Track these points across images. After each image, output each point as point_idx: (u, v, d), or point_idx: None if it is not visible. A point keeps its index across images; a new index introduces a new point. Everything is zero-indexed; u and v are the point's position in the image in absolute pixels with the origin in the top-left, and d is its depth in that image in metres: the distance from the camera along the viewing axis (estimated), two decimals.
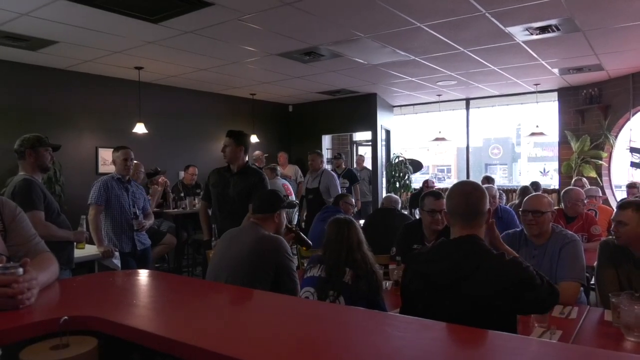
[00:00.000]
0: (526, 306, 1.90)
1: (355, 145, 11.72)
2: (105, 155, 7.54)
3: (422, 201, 3.72)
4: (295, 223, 8.00)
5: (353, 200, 5.66)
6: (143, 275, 2.11)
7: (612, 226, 2.95)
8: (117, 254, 4.36)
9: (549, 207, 3.09)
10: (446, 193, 2.18)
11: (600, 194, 6.06)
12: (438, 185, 13.94)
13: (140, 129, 7.50)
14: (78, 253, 4.04)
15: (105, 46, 6.12)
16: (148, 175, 7.11)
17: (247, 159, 4.48)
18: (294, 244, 3.43)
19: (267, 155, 9.54)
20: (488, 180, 7.57)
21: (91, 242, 4.33)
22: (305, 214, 8.06)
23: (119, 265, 4.33)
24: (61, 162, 6.88)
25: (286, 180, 8.27)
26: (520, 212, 3.19)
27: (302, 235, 3.41)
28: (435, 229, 3.62)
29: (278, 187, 7.14)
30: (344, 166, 8.83)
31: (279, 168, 8.75)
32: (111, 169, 5.02)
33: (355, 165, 9.54)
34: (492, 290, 1.85)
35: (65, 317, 1.38)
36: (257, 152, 9.33)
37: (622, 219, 2.86)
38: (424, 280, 1.99)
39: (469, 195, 2.04)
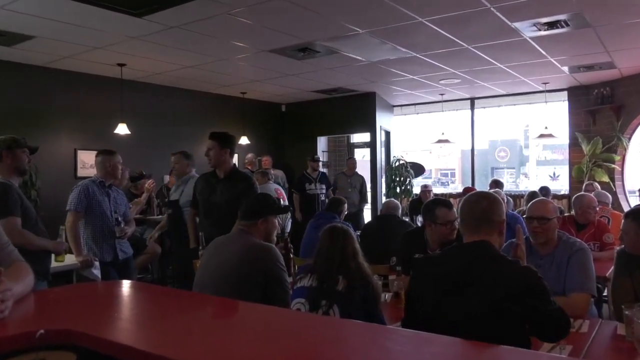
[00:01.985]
0: (535, 317, 1.92)
1: (352, 147, 11.73)
2: (85, 157, 7.52)
3: (432, 213, 3.63)
4: (288, 231, 8.00)
5: (346, 206, 5.67)
6: (125, 286, 2.11)
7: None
8: (97, 263, 4.35)
9: (554, 213, 3.11)
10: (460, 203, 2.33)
11: (610, 200, 6.08)
12: (441, 190, 13.97)
13: (122, 130, 7.49)
14: (55, 263, 4.02)
15: (85, 41, 6.11)
16: (132, 179, 7.09)
17: (234, 162, 4.47)
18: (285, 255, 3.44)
19: (260, 158, 9.54)
20: (497, 184, 7.60)
21: (69, 252, 4.32)
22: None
23: (99, 275, 4.31)
24: (37, 165, 6.86)
25: (280, 185, 8.28)
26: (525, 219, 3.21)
27: (293, 261, 3.42)
28: (449, 240, 3.59)
29: (270, 192, 7.15)
30: (320, 169, 8.87)
31: (272, 171, 8.76)
32: (91, 172, 5.01)
33: (345, 169, 9.37)
34: (500, 294, 1.92)
35: (42, 331, 1.38)
36: (249, 155, 9.33)
37: (623, 228, 2.99)
38: (433, 282, 2.09)
39: (475, 202, 2.19)
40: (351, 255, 2.79)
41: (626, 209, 8.19)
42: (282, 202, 7.02)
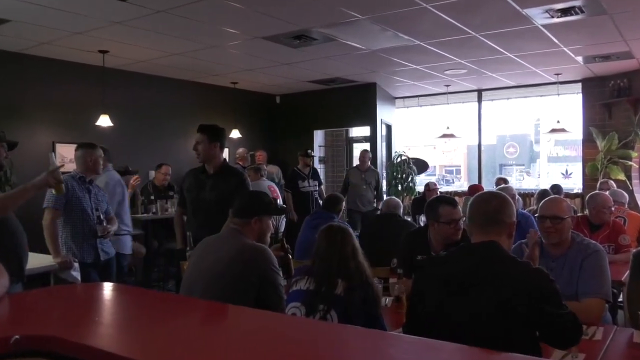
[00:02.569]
0: (544, 321, 1.94)
1: (351, 142, 11.73)
2: (64, 151, 7.49)
3: (435, 211, 3.63)
4: (282, 231, 8.00)
5: (344, 204, 5.67)
6: (107, 289, 2.11)
7: None
8: (76, 265, 4.33)
9: (568, 212, 3.11)
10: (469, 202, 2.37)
11: (627, 199, 6.09)
12: (447, 188, 13.99)
13: (104, 121, 7.47)
14: (31, 264, 4.01)
15: (65, 26, 6.09)
16: None
17: (224, 157, 4.47)
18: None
19: (252, 153, 9.53)
20: (504, 181, 7.62)
21: (47, 251, 4.31)
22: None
23: (79, 278, 4.30)
24: (12, 160, 6.83)
25: (273, 182, 8.27)
26: (536, 219, 3.21)
27: (291, 263, 3.42)
28: (454, 240, 3.59)
29: (263, 189, 7.14)
30: (309, 167, 8.75)
31: (265, 167, 8.74)
32: (71, 167, 4.99)
33: (357, 164, 9.04)
34: (507, 295, 1.96)
35: (17, 337, 1.37)
36: (240, 150, 9.32)
37: None
38: (437, 283, 2.13)
39: (486, 201, 2.23)
40: (350, 254, 2.79)
41: None
42: (278, 201, 7.01)
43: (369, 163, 8.81)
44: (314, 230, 3.11)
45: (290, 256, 3.50)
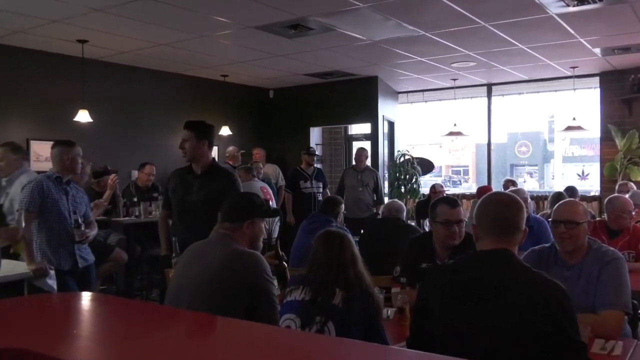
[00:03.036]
0: (556, 340, 1.93)
1: (351, 140, 11.74)
2: (40, 149, 7.48)
3: (434, 210, 3.68)
4: (276, 236, 7.98)
5: (343, 207, 5.67)
6: (85, 298, 2.10)
7: None
8: (52, 272, 4.32)
9: (585, 216, 3.11)
10: (477, 202, 2.34)
11: None
12: (452, 190, 14.00)
13: (83, 117, 7.45)
14: (3, 271, 4.00)
15: (41, 14, 6.07)
16: (94, 175, 7.06)
17: (213, 156, 4.47)
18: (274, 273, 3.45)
19: (243, 151, 9.52)
20: (512, 183, 7.63)
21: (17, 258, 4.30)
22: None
23: (55, 286, 4.29)
24: None
25: (265, 183, 8.26)
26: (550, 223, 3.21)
27: (287, 270, 3.42)
28: (450, 244, 3.62)
29: (254, 191, 7.14)
30: (313, 167, 8.72)
31: (260, 166, 8.73)
32: (46, 166, 4.99)
33: (353, 164, 8.82)
34: (525, 308, 1.94)
35: None
36: (230, 148, 9.31)
37: None
38: (445, 293, 2.12)
39: (505, 205, 2.22)
40: (350, 262, 2.80)
41: None
42: (270, 203, 7.01)
43: (367, 162, 8.62)
44: (311, 236, 3.12)
45: (286, 264, 3.50)
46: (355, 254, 2.86)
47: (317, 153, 9.09)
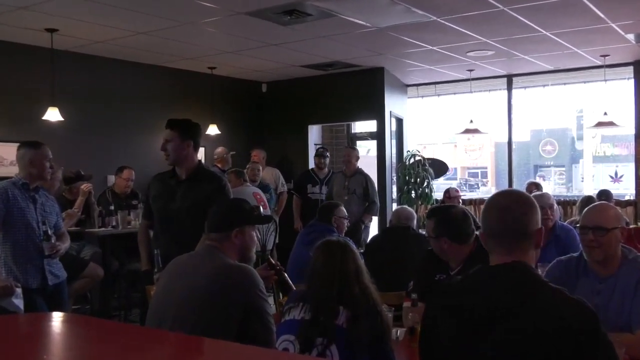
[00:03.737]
0: None
1: (354, 139, 11.74)
2: (4, 151, 7.48)
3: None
4: (271, 248, 7.99)
5: (346, 213, 5.67)
6: (56, 320, 2.10)
7: None
8: (19, 291, 4.32)
9: (616, 221, 3.10)
10: (482, 208, 2.28)
11: None
12: (470, 195, 14.02)
13: (53, 115, 7.45)
14: None
15: (5, 0, 6.08)
16: (66, 180, 7.06)
17: (199, 159, 4.47)
18: (273, 287, 3.44)
19: (233, 153, 9.52)
20: (536, 187, 7.63)
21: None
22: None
23: (22, 306, 4.29)
24: None
25: (260, 189, 8.25)
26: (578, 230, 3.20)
27: (287, 277, 3.42)
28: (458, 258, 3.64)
29: (246, 197, 7.15)
30: (326, 169, 8.72)
31: (259, 169, 8.73)
32: (12, 171, 4.99)
33: (344, 167, 8.55)
34: (544, 333, 1.86)
35: None
36: (219, 150, 9.32)
37: None
38: (454, 317, 2.05)
39: (507, 209, 2.13)
40: (354, 276, 2.79)
41: None
42: (261, 210, 7.01)
43: (357, 164, 8.35)
44: (309, 247, 3.12)
45: (285, 273, 3.49)
46: (360, 266, 2.86)
47: (327, 154, 8.90)
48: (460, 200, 8.15)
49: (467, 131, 10.42)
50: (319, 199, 8.43)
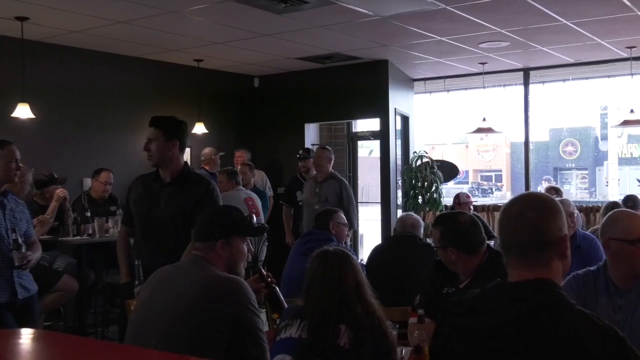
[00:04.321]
0: None
1: (355, 139, 11.74)
2: None
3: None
4: (262, 259, 7.97)
5: (345, 219, 5.66)
6: (26, 337, 2.10)
7: None
8: None
9: None
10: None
11: None
12: (483, 200, 14.00)
13: (23, 112, 7.45)
14: None
15: None
16: (38, 184, 7.05)
17: (185, 160, 4.48)
18: (264, 303, 3.44)
19: (222, 154, 9.52)
20: (556, 192, 7.64)
21: None
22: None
23: None
24: None
25: (253, 194, 8.23)
26: (610, 242, 3.15)
27: (279, 292, 3.42)
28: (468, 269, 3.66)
29: (237, 202, 7.15)
30: (314, 171, 8.35)
31: (251, 170, 8.72)
32: None
33: (312, 171, 8.26)
34: None
35: None
36: (206, 150, 9.31)
37: None
38: (464, 341, 2.00)
39: (522, 217, 2.04)
40: (354, 292, 2.79)
41: None
42: (254, 218, 6.98)
43: (330, 168, 7.82)
44: (305, 257, 3.12)
45: (276, 286, 3.49)
46: (361, 280, 2.87)
47: (309, 156, 8.45)
48: (472, 207, 8.15)
49: (479, 130, 10.43)
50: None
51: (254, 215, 6.95)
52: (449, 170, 11.13)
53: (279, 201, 9.15)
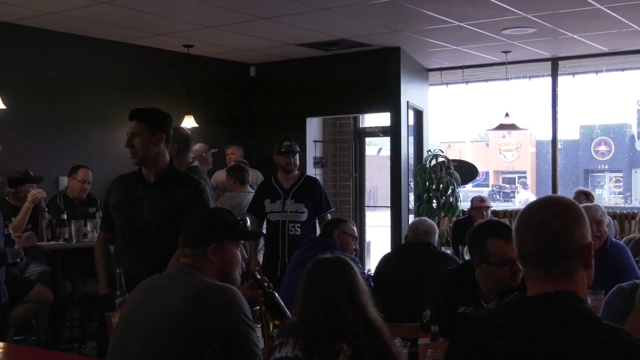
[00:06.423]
0: None
1: (362, 135, 11.74)
2: None
3: (482, 246, 3.68)
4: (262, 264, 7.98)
5: (355, 229, 5.66)
6: None
7: None
8: None
9: None
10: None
11: None
12: (505, 205, 13.96)
13: None
14: None
15: None
16: (11, 182, 7.05)
17: (169, 157, 4.48)
18: (260, 315, 3.45)
19: (215, 151, 9.51)
20: (586, 196, 7.65)
21: None
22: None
23: None
24: None
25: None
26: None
27: (278, 298, 3.42)
28: (512, 286, 3.62)
29: (241, 204, 7.15)
30: (296, 173, 7.45)
31: (248, 170, 8.73)
32: None
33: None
34: None
35: None
36: (197, 147, 9.31)
37: None
38: None
39: (542, 224, 2.03)
40: (345, 297, 2.80)
41: None
42: (247, 222, 6.93)
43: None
44: (304, 267, 3.12)
45: (274, 292, 3.48)
46: (356, 286, 2.87)
47: (295, 149, 7.16)
48: (489, 213, 8.12)
49: (501, 127, 10.44)
50: (280, 220, 6.75)
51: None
52: (467, 171, 11.13)
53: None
